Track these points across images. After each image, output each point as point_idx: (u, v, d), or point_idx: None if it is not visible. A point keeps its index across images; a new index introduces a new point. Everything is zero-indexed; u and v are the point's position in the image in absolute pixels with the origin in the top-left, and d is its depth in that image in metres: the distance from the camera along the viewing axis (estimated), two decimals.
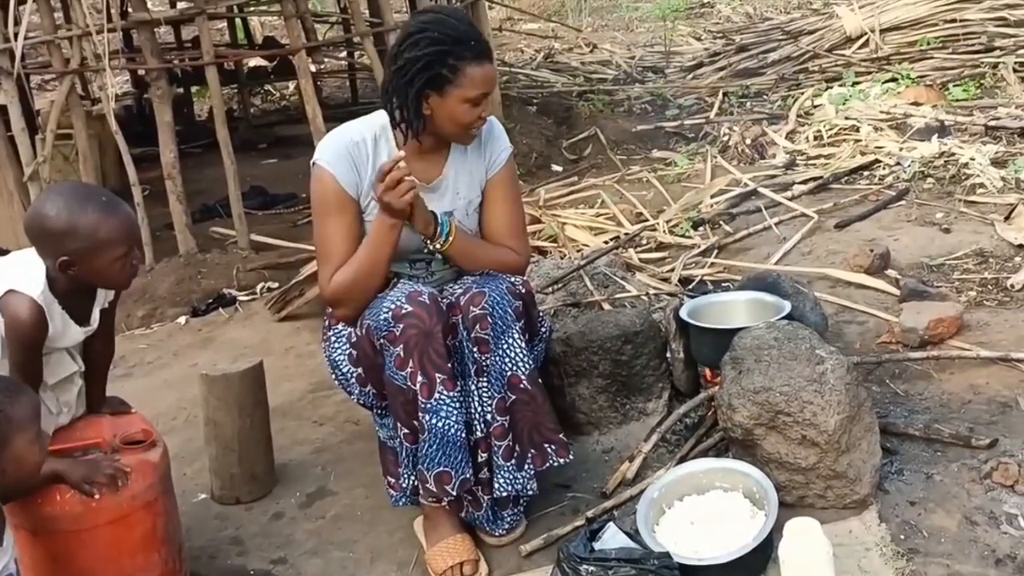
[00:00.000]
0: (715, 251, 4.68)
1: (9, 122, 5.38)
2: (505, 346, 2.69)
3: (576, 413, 3.22)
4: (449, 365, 2.63)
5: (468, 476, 2.67)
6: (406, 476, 2.74)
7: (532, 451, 2.76)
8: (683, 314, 3.19)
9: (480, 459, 2.72)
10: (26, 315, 2.38)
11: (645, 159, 6.64)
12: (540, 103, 8.04)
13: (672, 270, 4.42)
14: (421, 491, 2.70)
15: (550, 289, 3.91)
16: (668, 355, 3.25)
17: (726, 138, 6.47)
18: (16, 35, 5.00)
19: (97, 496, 2.38)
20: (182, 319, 4.82)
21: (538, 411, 2.75)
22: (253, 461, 3.16)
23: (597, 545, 2.43)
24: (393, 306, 2.64)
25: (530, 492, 2.76)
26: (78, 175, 5.48)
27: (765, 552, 2.46)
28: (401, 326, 2.61)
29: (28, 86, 5.96)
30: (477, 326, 2.67)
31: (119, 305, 2.77)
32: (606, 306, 3.80)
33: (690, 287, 4.23)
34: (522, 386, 2.71)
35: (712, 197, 5.41)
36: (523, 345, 2.72)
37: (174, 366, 4.33)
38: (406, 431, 2.69)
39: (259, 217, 6.05)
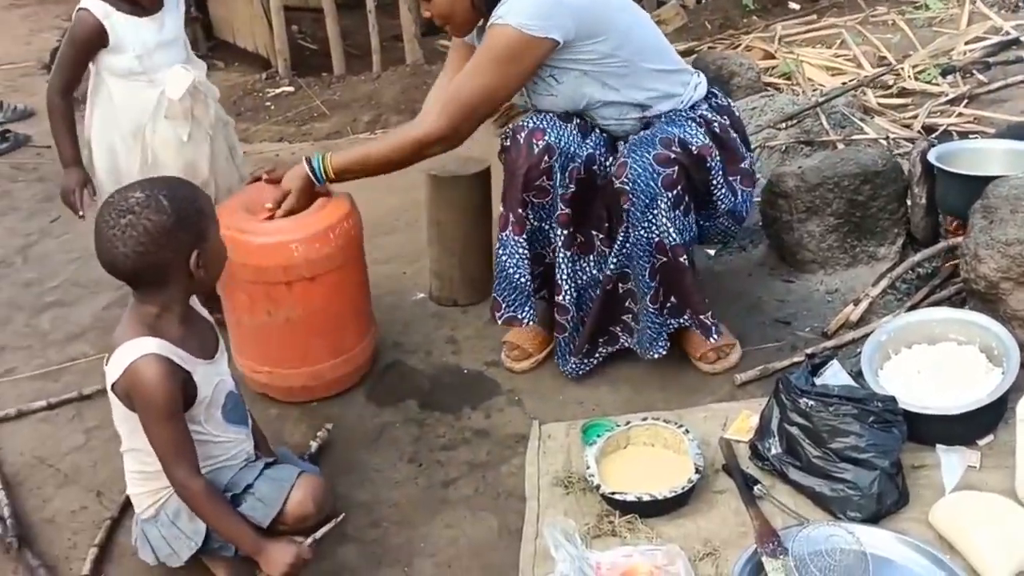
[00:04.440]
0: (965, 101, 4.32)
1: None
2: (652, 216, 2.55)
3: (803, 250, 3.11)
4: (520, 211, 2.64)
5: (519, 317, 2.75)
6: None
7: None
8: (931, 158, 2.99)
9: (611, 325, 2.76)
10: None
11: (892, 0, 6.17)
12: None
13: (915, 117, 4.13)
14: None
15: (783, 124, 3.75)
16: (909, 200, 3.08)
17: None
18: None
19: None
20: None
21: (684, 280, 2.63)
22: (473, 265, 3.20)
23: (818, 380, 2.36)
24: (513, 127, 2.68)
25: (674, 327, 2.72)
26: None
27: (998, 411, 2.34)
28: (503, 153, 2.71)
29: None
30: (620, 199, 2.57)
31: (344, 110, 2.78)
32: (840, 146, 3.61)
33: (934, 135, 3.95)
34: (669, 252, 2.58)
35: (966, 44, 4.97)
36: (670, 216, 2.55)
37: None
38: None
39: None
